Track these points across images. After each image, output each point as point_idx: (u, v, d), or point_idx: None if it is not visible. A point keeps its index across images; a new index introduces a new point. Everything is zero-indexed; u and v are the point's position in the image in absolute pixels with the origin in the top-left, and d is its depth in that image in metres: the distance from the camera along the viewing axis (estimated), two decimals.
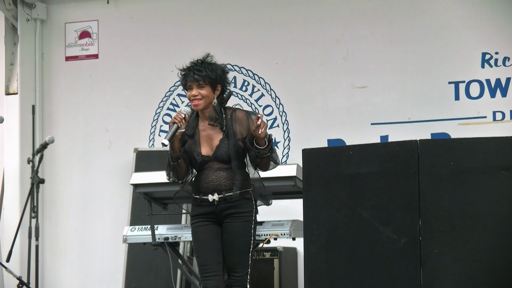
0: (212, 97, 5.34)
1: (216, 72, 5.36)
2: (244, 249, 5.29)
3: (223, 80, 5.40)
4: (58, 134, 8.79)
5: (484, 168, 6.10)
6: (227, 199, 5.30)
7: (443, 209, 6.13)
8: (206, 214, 5.35)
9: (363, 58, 8.28)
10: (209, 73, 5.31)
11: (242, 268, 5.28)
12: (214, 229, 5.35)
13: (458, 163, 6.14)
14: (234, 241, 5.30)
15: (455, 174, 6.13)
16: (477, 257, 6.04)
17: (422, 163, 6.20)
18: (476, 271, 6.03)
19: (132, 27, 9.01)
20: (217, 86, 5.37)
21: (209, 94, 5.33)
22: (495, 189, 6.07)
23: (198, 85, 5.32)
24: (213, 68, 5.36)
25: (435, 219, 6.13)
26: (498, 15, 7.88)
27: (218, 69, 5.38)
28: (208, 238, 5.34)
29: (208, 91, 5.32)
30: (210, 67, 5.35)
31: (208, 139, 5.35)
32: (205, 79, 5.30)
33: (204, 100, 5.32)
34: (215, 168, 5.32)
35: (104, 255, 8.81)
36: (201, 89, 5.31)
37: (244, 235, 5.30)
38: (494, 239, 6.04)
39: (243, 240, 5.30)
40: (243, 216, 5.31)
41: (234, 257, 5.29)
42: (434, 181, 6.16)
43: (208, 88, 5.32)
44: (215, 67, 5.38)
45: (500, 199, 6.06)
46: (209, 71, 5.32)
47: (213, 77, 5.32)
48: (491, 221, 6.06)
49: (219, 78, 5.37)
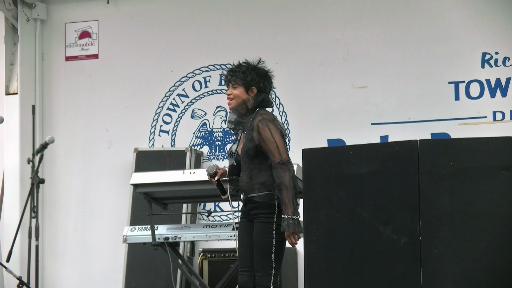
0: (245, 97, 5.49)
1: (249, 74, 5.49)
2: (264, 250, 5.34)
3: (257, 82, 5.50)
4: (58, 134, 8.79)
5: (484, 168, 6.10)
6: (250, 200, 5.42)
7: (443, 209, 6.13)
8: (243, 212, 5.55)
9: (363, 58, 8.28)
10: (241, 75, 5.48)
11: (263, 269, 5.35)
12: (248, 226, 5.48)
13: (458, 163, 6.14)
14: (256, 241, 5.39)
15: (455, 174, 6.13)
16: (477, 257, 6.04)
17: (422, 163, 6.20)
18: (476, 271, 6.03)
19: (132, 27, 9.01)
20: (251, 88, 5.50)
21: (241, 94, 5.49)
22: (495, 189, 6.07)
23: (232, 85, 5.50)
24: (247, 70, 5.51)
25: (435, 219, 6.13)
26: (498, 15, 7.88)
27: (253, 72, 5.51)
28: (243, 234, 5.50)
29: (240, 91, 5.49)
30: (244, 69, 5.51)
31: (242, 139, 5.53)
32: (237, 79, 5.49)
33: (236, 99, 5.50)
34: (243, 168, 5.49)
35: (104, 255, 8.81)
36: (234, 89, 5.50)
37: (263, 236, 5.36)
38: (494, 239, 6.04)
39: (263, 241, 5.36)
40: (265, 217, 5.37)
41: (256, 257, 5.37)
42: (434, 181, 6.16)
43: (241, 88, 5.49)
44: (251, 70, 5.52)
45: (500, 199, 6.06)
46: (241, 73, 5.49)
47: (244, 78, 5.48)
48: (491, 221, 6.06)
49: (252, 80, 5.49)
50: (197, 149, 8.67)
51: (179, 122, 8.84)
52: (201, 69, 8.80)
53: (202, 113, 8.79)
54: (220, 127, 8.72)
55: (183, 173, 6.84)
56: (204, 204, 8.56)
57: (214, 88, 8.77)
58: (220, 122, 8.72)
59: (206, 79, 8.79)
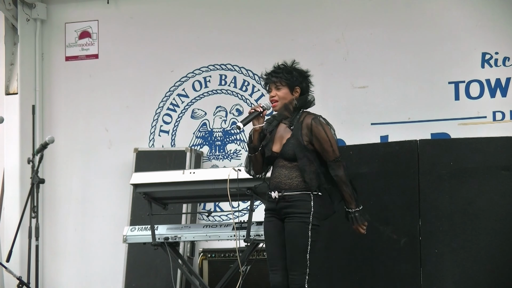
0: (290, 98, 5.50)
1: (293, 74, 5.52)
2: (300, 249, 5.32)
3: (300, 82, 5.54)
4: (58, 134, 8.78)
5: (484, 168, 6.11)
6: (285, 197, 5.38)
7: (443, 209, 6.13)
8: (272, 210, 5.49)
9: (363, 58, 8.27)
10: (285, 75, 5.50)
11: (299, 268, 5.32)
12: (278, 225, 5.45)
13: (458, 163, 6.15)
14: (291, 240, 5.36)
15: (455, 174, 6.14)
16: (477, 257, 6.05)
17: (422, 163, 6.21)
18: (476, 271, 6.04)
19: (132, 27, 9.01)
20: (295, 88, 5.52)
21: (286, 95, 5.50)
22: (495, 189, 6.08)
23: (276, 87, 5.51)
24: (290, 71, 5.54)
25: (435, 219, 6.14)
26: (498, 15, 7.88)
27: (295, 72, 5.55)
28: (274, 233, 5.46)
29: (285, 92, 5.50)
30: (287, 70, 5.54)
31: (280, 137, 5.49)
32: (282, 80, 5.49)
33: (281, 101, 5.50)
34: (279, 165, 5.45)
35: (104, 255, 8.81)
36: (278, 91, 5.50)
37: (300, 235, 5.33)
38: (494, 239, 6.05)
39: (299, 240, 5.33)
40: (300, 217, 5.35)
41: (291, 256, 5.35)
42: (434, 181, 6.17)
43: (285, 89, 5.51)
44: (293, 70, 5.56)
45: (500, 199, 6.07)
46: (285, 73, 5.51)
47: (289, 79, 5.50)
48: (491, 221, 6.07)
49: (296, 80, 5.52)
50: (197, 149, 8.67)
51: (179, 122, 8.84)
52: (201, 69, 8.80)
53: (202, 113, 8.79)
54: (220, 127, 8.72)
55: (183, 173, 6.84)
56: (204, 204, 8.56)
57: (214, 88, 8.77)
58: (220, 122, 8.72)
59: (206, 79, 8.79)
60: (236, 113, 8.67)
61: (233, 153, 8.65)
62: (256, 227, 6.60)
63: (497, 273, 5.99)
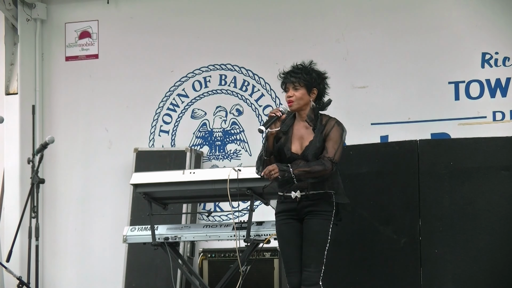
0: (307, 99, 5.54)
1: (311, 75, 5.54)
2: (320, 246, 5.36)
3: (318, 83, 5.57)
4: (58, 134, 8.78)
5: (484, 168, 6.11)
6: (309, 197, 5.41)
7: (443, 209, 6.13)
8: (289, 211, 5.48)
9: (363, 58, 8.27)
10: (304, 76, 5.52)
11: (315, 264, 5.35)
12: (296, 226, 5.46)
13: (458, 163, 6.15)
14: (311, 237, 5.38)
15: (455, 174, 6.14)
16: (477, 257, 6.05)
17: (422, 163, 6.21)
18: (476, 271, 6.04)
19: (132, 27, 9.01)
20: (312, 89, 5.54)
21: (303, 96, 5.53)
22: (495, 189, 6.08)
23: (294, 87, 5.53)
24: (309, 72, 5.56)
25: (435, 219, 6.14)
26: (498, 15, 7.88)
27: (314, 73, 5.56)
28: (291, 235, 5.46)
29: (302, 93, 5.52)
30: (306, 70, 5.56)
31: (300, 138, 5.51)
32: (300, 81, 5.51)
33: (298, 101, 5.52)
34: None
35: (104, 255, 8.81)
36: (296, 91, 5.52)
37: (321, 232, 5.37)
38: (494, 239, 6.04)
39: (320, 237, 5.37)
40: (323, 214, 5.39)
41: (310, 252, 5.37)
42: (434, 181, 6.17)
43: (303, 90, 5.53)
44: (311, 71, 5.57)
45: (500, 199, 6.07)
46: (304, 74, 5.53)
47: (308, 80, 5.52)
48: (491, 221, 6.07)
49: (315, 81, 5.54)
50: (197, 149, 8.67)
51: (179, 122, 8.84)
52: (201, 69, 8.80)
53: (202, 113, 8.79)
54: (220, 127, 8.72)
55: (183, 173, 6.84)
56: (204, 204, 8.56)
57: (214, 88, 8.77)
58: (220, 122, 8.72)
59: (206, 79, 8.79)
60: (236, 113, 8.67)
61: (233, 153, 8.65)
62: (256, 227, 6.61)
63: (497, 273, 5.99)
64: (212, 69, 8.77)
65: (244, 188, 6.46)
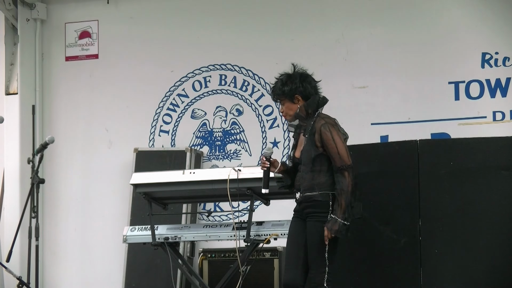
0: (295, 107, 5.58)
1: (286, 85, 5.56)
2: (318, 249, 5.39)
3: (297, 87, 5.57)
4: (58, 134, 8.78)
5: (484, 168, 6.11)
6: (305, 198, 5.47)
7: (443, 209, 6.13)
8: (296, 211, 5.60)
9: (363, 58, 8.27)
10: (281, 89, 5.57)
11: (316, 267, 5.39)
12: (300, 225, 5.53)
13: (458, 163, 6.15)
14: (310, 239, 5.44)
15: (455, 174, 6.14)
16: (477, 257, 6.05)
17: (422, 163, 6.21)
18: (476, 271, 6.04)
19: (132, 27, 9.01)
20: (295, 97, 5.57)
21: (290, 107, 5.60)
22: (495, 189, 6.08)
23: (280, 102, 5.64)
24: (284, 82, 5.59)
25: (435, 219, 6.14)
26: (498, 15, 7.88)
27: (288, 82, 5.57)
28: (294, 232, 5.55)
29: (288, 105, 5.60)
30: (281, 82, 5.59)
31: (301, 143, 5.59)
32: (280, 96, 5.60)
33: (288, 113, 5.60)
34: (303, 169, 5.51)
35: (104, 255, 8.81)
36: (283, 106, 5.63)
37: (317, 235, 5.40)
38: (494, 239, 6.04)
39: (317, 239, 5.40)
40: (319, 216, 5.42)
41: (311, 255, 5.43)
42: (434, 181, 6.17)
43: (287, 102, 5.59)
44: (286, 79, 5.59)
45: (500, 199, 6.07)
46: (278, 89, 5.58)
47: (285, 91, 5.56)
48: (491, 221, 6.07)
49: (291, 89, 5.56)
50: (197, 149, 8.67)
51: (179, 122, 8.84)
52: (201, 69, 8.80)
53: (202, 113, 8.79)
54: (220, 127, 8.72)
55: (183, 173, 6.84)
56: (204, 204, 8.56)
57: (214, 88, 8.77)
58: (220, 122, 8.72)
59: (206, 79, 8.79)
60: (236, 113, 8.67)
61: (233, 153, 8.65)
62: (256, 227, 6.61)
63: (497, 273, 5.99)
64: (212, 69, 8.77)
65: (244, 188, 6.46)
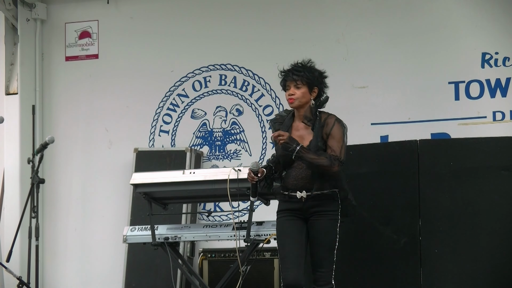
0: (308, 98, 5.56)
1: (314, 74, 5.56)
2: (329, 246, 5.39)
3: (320, 83, 5.60)
4: (58, 134, 8.78)
5: (484, 168, 6.11)
6: (315, 197, 5.41)
7: (443, 209, 6.14)
8: (294, 210, 5.49)
9: (363, 58, 8.27)
10: (307, 74, 5.53)
11: (327, 264, 5.39)
12: (300, 224, 5.47)
13: (458, 163, 6.15)
14: (321, 238, 5.41)
15: (455, 174, 6.14)
16: (477, 257, 6.05)
17: (422, 163, 6.21)
18: (476, 271, 6.04)
19: (132, 27, 9.01)
20: (313, 88, 5.57)
21: (304, 94, 5.55)
22: (495, 189, 6.08)
23: (296, 85, 5.55)
24: (311, 70, 5.57)
25: (435, 219, 6.15)
26: (498, 15, 7.88)
27: (316, 72, 5.59)
28: (293, 232, 5.47)
29: (304, 91, 5.54)
30: (308, 69, 5.57)
31: (300, 138, 5.50)
32: (303, 79, 5.53)
33: (299, 99, 5.54)
34: (305, 167, 5.44)
35: (104, 255, 8.81)
36: (298, 89, 5.55)
37: (330, 233, 5.40)
38: (494, 239, 6.05)
39: (329, 237, 5.40)
40: (329, 214, 5.41)
41: (320, 253, 5.40)
42: (434, 181, 6.18)
43: (304, 88, 5.54)
44: (313, 70, 5.59)
45: (500, 199, 6.07)
46: (307, 72, 5.54)
47: (310, 78, 5.53)
48: (491, 221, 6.07)
49: (316, 80, 5.57)
50: (197, 149, 8.67)
51: (179, 122, 8.84)
52: (201, 69, 8.80)
53: (202, 113, 8.79)
54: (220, 127, 8.72)
55: (183, 173, 6.84)
56: (204, 204, 8.56)
57: (214, 88, 8.77)
58: (220, 122, 8.72)
59: (206, 79, 8.79)
60: (236, 113, 8.67)
61: (233, 153, 8.65)
62: (256, 227, 6.61)
63: (497, 273, 5.99)
64: (212, 69, 8.77)
65: (244, 188, 6.45)
